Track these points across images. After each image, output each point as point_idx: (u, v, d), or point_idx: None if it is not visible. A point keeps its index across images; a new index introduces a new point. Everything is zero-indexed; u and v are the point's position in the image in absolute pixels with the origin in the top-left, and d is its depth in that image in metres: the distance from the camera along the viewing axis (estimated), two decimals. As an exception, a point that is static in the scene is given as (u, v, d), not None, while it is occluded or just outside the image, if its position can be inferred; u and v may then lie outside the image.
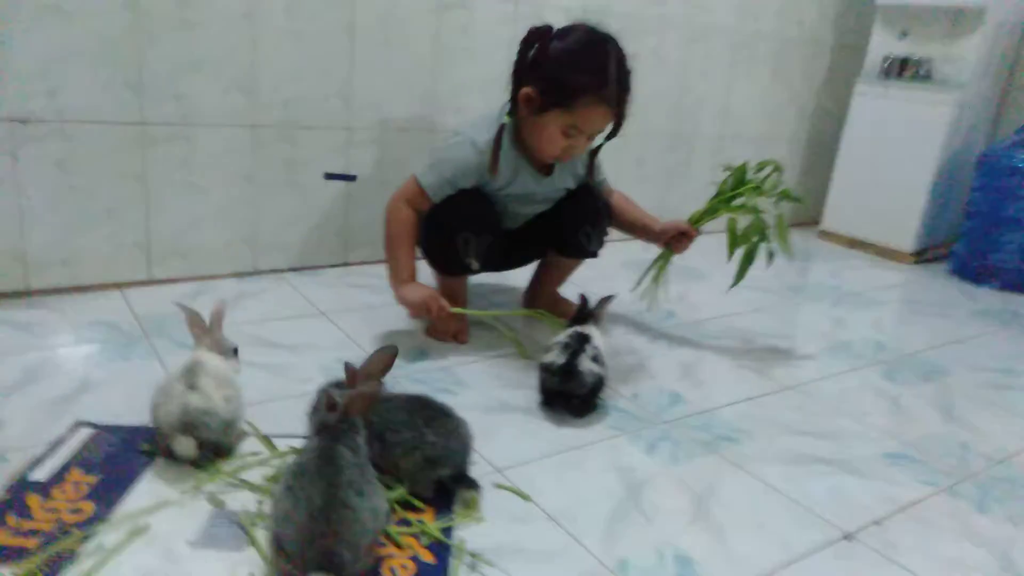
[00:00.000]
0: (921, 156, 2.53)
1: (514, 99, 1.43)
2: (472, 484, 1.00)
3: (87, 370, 1.26)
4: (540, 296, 1.72)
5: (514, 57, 1.41)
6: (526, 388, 1.34)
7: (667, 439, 1.23)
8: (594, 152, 1.57)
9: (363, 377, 0.95)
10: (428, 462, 0.97)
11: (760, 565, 0.94)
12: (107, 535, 0.86)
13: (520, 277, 1.80)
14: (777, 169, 1.60)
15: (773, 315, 1.93)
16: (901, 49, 2.58)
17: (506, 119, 1.46)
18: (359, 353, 1.40)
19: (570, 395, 1.26)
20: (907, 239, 2.61)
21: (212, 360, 1.05)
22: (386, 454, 0.98)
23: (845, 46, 2.92)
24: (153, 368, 1.29)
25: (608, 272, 2.00)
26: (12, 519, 0.87)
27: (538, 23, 1.41)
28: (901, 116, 2.57)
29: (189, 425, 0.97)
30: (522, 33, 1.41)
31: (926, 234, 2.63)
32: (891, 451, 1.27)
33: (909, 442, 1.31)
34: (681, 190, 2.63)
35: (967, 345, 1.84)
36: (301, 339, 1.47)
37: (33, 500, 0.91)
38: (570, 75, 1.37)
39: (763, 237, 1.57)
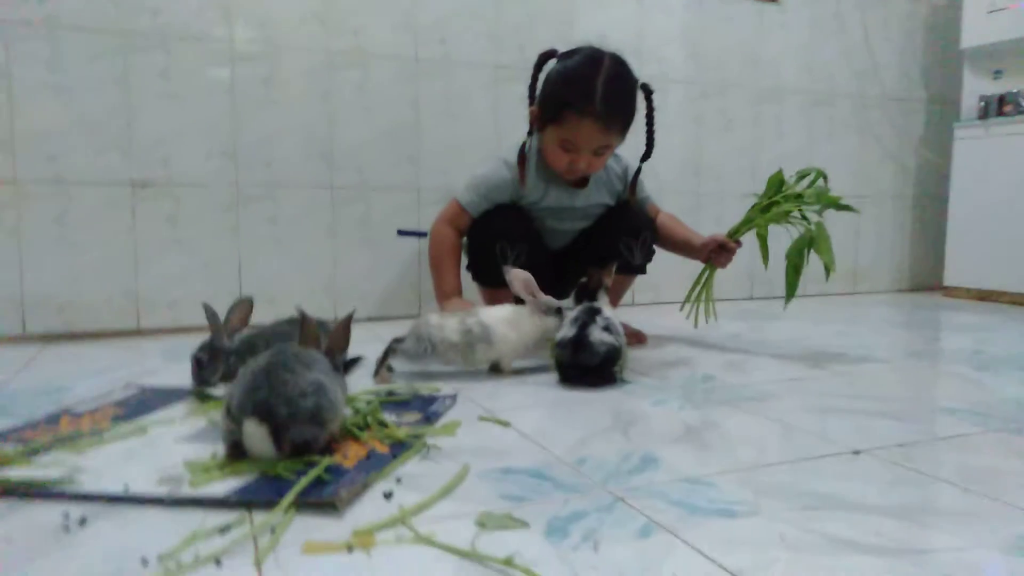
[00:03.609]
0: (1039, 190, 2.33)
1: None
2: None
3: (155, 365, 1.43)
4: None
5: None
6: (548, 374, 1.33)
7: (681, 398, 1.16)
8: (636, 174, 1.63)
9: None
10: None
11: (731, 465, 0.85)
12: (109, 432, 0.96)
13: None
14: (820, 176, 1.57)
15: (854, 338, 1.77)
16: (996, 88, 2.47)
17: (527, 137, 1.57)
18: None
19: (584, 367, 1.24)
20: (1043, 283, 2.34)
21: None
22: None
23: (937, 97, 2.82)
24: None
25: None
26: (41, 426, 1.00)
27: None
28: (1008, 153, 2.41)
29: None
30: None
31: (1067, 276, 2.35)
32: (953, 407, 1.12)
33: (980, 402, 1.14)
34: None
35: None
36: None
37: (64, 419, 1.04)
38: (558, 91, 1.46)
39: (809, 247, 1.50)
